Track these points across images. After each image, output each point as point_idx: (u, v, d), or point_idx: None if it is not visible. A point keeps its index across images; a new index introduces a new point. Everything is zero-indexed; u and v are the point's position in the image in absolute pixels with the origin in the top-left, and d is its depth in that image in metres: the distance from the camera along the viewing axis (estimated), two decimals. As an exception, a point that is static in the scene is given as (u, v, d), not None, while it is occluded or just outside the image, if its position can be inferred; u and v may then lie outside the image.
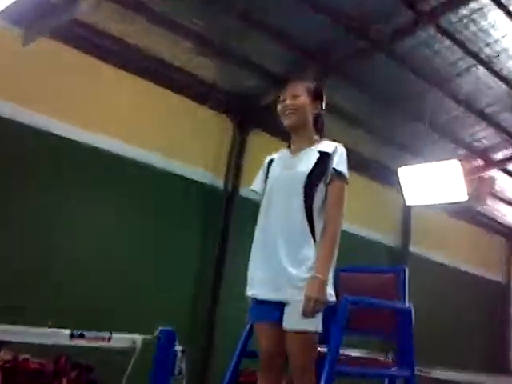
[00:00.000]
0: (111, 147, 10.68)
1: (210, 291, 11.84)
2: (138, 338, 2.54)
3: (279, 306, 2.90)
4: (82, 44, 10.20)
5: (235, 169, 12.43)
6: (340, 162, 2.98)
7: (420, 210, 14.28)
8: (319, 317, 2.83)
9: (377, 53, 11.12)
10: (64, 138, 10.06)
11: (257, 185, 3.25)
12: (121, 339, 2.51)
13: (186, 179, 11.79)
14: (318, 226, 2.94)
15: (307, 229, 2.93)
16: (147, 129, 11.22)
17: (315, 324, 2.82)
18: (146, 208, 11.15)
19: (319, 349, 2.87)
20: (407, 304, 3.23)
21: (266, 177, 3.19)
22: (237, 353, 3.13)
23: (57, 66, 9.93)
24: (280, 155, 3.24)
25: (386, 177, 14.17)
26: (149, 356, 2.51)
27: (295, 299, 2.84)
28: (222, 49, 11.01)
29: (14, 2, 6.08)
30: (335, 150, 3.01)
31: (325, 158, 3.00)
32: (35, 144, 9.78)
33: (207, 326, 11.73)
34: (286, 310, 2.88)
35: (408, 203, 11.56)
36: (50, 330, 2.37)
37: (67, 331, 2.38)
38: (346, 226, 3.12)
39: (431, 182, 10.55)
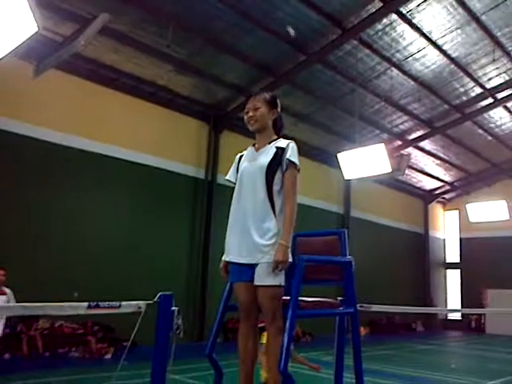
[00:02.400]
0: (116, 154, 10.55)
1: (202, 251, 11.90)
2: (143, 303, 2.49)
3: (251, 267, 2.89)
4: (84, 73, 9.99)
5: (213, 162, 12.40)
6: (292, 154, 2.96)
7: (357, 183, 14.43)
8: (282, 274, 2.84)
9: (314, 63, 11.15)
10: (77, 149, 9.88)
11: (231, 175, 3.24)
12: (129, 305, 2.46)
13: (176, 173, 11.76)
14: (277, 204, 2.92)
15: (269, 206, 2.91)
16: (141, 136, 11.05)
17: (279, 279, 2.82)
18: (147, 198, 11.05)
19: (284, 298, 2.88)
20: (348, 258, 3.25)
21: (237, 169, 3.18)
22: (221, 308, 3.10)
23: (64, 92, 9.70)
24: (247, 152, 3.23)
25: (329, 159, 14.28)
26: (154, 316, 2.50)
27: (262, 261, 2.83)
28: (196, 69, 10.89)
29: (25, 41, 5.79)
30: (288, 145, 3.01)
31: (280, 151, 3.00)
32: (54, 156, 9.56)
33: (201, 281, 11.79)
34: (256, 270, 2.87)
35: (346, 178, 11.65)
36: (70, 303, 2.31)
37: (85, 303, 2.32)
38: (301, 199, 3.09)
39: (363, 161, 10.66)
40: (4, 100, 8.83)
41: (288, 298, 2.88)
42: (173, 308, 2.55)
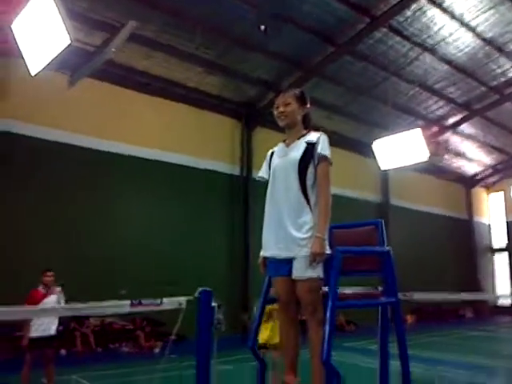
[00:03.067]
0: (153, 156, 10.79)
1: (242, 246, 12.02)
2: (183, 299, 2.55)
3: (288, 262, 2.89)
4: (116, 80, 10.24)
5: (247, 158, 12.47)
6: (323, 147, 2.93)
7: (395, 171, 14.14)
8: (320, 266, 2.82)
9: (344, 54, 10.99)
10: (113, 153, 10.16)
11: (263, 172, 3.25)
12: (170, 302, 2.52)
13: (213, 171, 11.91)
14: (312, 197, 2.90)
15: (303, 200, 2.89)
16: (177, 138, 11.23)
17: (317, 272, 2.81)
18: (186, 196, 11.25)
19: (323, 289, 2.86)
20: (386, 247, 3.20)
21: (269, 165, 3.18)
22: (261, 300, 3.14)
23: (98, 98, 9.98)
24: (278, 148, 3.23)
25: (365, 150, 13.97)
26: (194, 311, 2.55)
27: (300, 255, 2.82)
28: (225, 68, 10.97)
29: (60, 53, 5.98)
30: (318, 139, 2.99)
31: (311, 146, 2.98)
32: (94, 160, 9.86)
33: (243, 274, 11.92)
34: (294, 263, 2.86)
35: (382, 168, 11.43)
36: (113, 302, 2.38)
37: (128, 301, 2.39)
38: (339, 191, 3.07)
39: (399, 149, 10.42)
40: (42, 110, 9.18)
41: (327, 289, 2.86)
42: (213, 304, 2.60)
